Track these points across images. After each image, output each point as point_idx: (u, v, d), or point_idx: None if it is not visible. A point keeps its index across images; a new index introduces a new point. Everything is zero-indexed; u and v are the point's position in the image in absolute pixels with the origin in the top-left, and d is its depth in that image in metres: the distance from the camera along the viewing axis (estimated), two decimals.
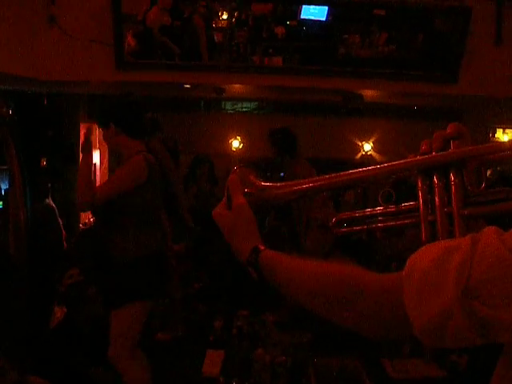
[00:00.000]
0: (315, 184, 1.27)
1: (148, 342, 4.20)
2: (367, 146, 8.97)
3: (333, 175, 1.24)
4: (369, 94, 6.52)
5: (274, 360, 4.24)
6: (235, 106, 8.92)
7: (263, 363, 4.20)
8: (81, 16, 5.40)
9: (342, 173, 1.24)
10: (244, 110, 8.98)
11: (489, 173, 1.13)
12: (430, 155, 1.12)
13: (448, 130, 1.12)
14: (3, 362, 3.17)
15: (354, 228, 1.28)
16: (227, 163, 8.69)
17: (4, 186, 6.58)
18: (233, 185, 1.35)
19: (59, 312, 4.55)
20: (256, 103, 8.87)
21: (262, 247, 1.25)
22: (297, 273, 1.14)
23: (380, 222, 1.24)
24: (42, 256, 5.85)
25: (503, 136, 8.50)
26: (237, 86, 6.39)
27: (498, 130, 8.54)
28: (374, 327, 1.00)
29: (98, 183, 9.08)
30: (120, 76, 5.51)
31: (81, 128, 3.58)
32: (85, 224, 7.60)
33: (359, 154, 9.08)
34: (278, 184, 1.33)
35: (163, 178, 3.88)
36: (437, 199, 1.10)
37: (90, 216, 7.31)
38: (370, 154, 8.93)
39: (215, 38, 5.91)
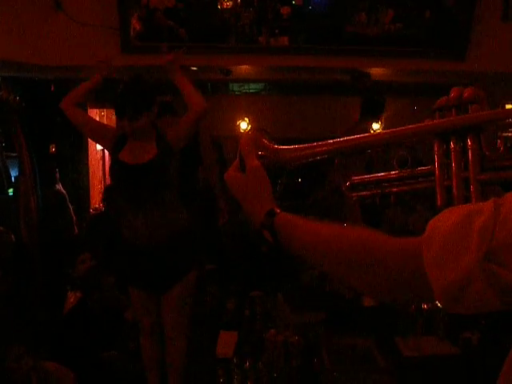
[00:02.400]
0: (329, 147, 1.25)
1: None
2: (375, 125, 8.91)
3: (348, 138, 1.22)
4: (377, 72, 6.47)
5: (286, 340, 4.25)
6: (242, 88, 8.87)
7: (276, 343, 4.21)
8: (86, 1, 5.38)
9: (357, 136, 1.21)
10: (251, 91, 8.94)
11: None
12: (447, 119, 1.10)
13: (465, 94, 1.10)
14: (18, 348, 3.20)
15: (368, 192, 1.26)
16: (236, 145, 8.69)
17: (14, 174, 6.61)
18: (246, 147, 1.31)
19: (72, 297, 4.59)
20: (263, 84, 8.82)
21: (278, 210, 1.22)
22: (314, 236, 1.12)
23: (394, 186, 1.22)
24: (54, 242, 5.88)
25: None
26: (244, 67, 6.35)
27: (507, 106, 8.48)
28: (394, 291, 0.99)
29: (107, 169, 9.11)
30: (126, 60, 5.49)
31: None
32: (95, 209, 7.63)
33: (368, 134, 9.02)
34: (292, 147, 1.30)
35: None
36: (453, 164, 1.08)
37: (100, 201, 7.34)
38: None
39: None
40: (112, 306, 4.27)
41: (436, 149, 1.11)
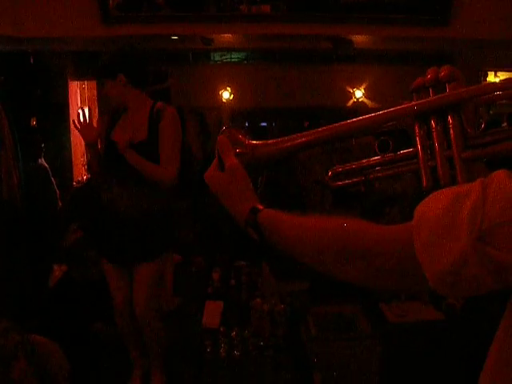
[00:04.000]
0: (307, 138, 1.23)
1: None
2: (358, 93, 8.91)
3: (325, 128, 1.20)
4: (359, 39, 6.44)
5: (272, 309, 4.27)
6: (224, 57, 8.81)
7: (262, 312, 4.24)
8: None
9: (334, 124, 1.20)
10: (233, 60, 8.88)
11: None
12: (425, 99, 1.09)
13: (441, 73, 1.09)
14: (4, 322, 3.19)
15: (352, 180, 1.24)
16: (218, 115, 8.65)
17: None
18: (223, 145, 1.29)
19: (58, 271, 4.58)
20: (245, 53, 8.76)
21: (261, 206, 1.21)
22: (300, 231, 1.11)
23: (378, 171, 1.21)
24: (37, 215, 5.85)
25: (495, 79, 8.45)
26: (225, 35, 6.30)
27: (489, 73, 8.49)
28: (386, 280, 0.98)
29: None
30: (106, 31, 5.42)
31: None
32: (78, 182, 7.59)
33: (351, 101, 9.03)
34: (270, 141, 1.28)
35: None
36: (436, 144, 1.08)
37: (84, 173, 7.30)
38: (362, 101, 8.87)
39: None
40: (97, 278, 4.26)
41: (417, 130, 1.10)
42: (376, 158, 1.20)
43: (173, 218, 3.81)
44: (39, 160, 6.60)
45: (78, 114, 3.65)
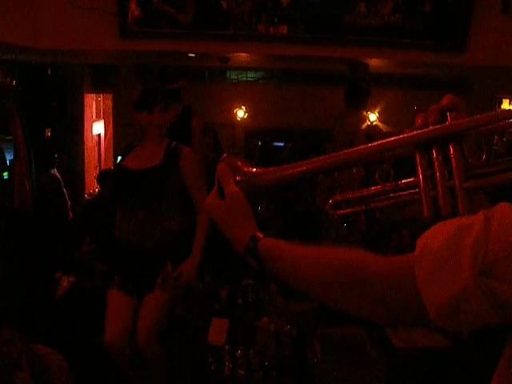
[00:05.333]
0: (307, 167, 1.22)
1: None
2: (373, 116, 8.90)
3: (326, 156, 1.19)
4: (375, 63, 6.46)
5: (278, 329, 4.26)
6: (240, 76, 8.86)
7: (268, 332, 4.22)
8: None
9: (335, 153, 1.19)
10: (249, 79, 8.92)
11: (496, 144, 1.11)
12: (426, 129, 1.08)
13: (443, 102, 1.08)
14: (9, 331, 3.19)
15: (352, 209, 1.23)
16: (232, 133, 8.69)
17: (9, 157, 6.58)
18: (223, 173, 1.29)
19: (66, 281, 4.58)
20: (261, 73, 8.81)
21: (261, 235, 1.20)
22: (301, 260, 1.10)
23: (379, 200, 1.20)
24: (48, 226, 5.87)
25: (510, 106, 8.42)
26: (241, 54, 6.33)
27: (504, 100, 8.47)
28: (388, 314, 0.96)
29: (102, 154, 9.10)
30: (123, 45, 5.46)
31: None
32: (90, 194, 7.62)
33: (365, 125, 9.02)
34: (270, 169, 1.27)
35: None
36: (437, 174, 1.06)
37: (96, 186, 7.33)
38: (376, 125, 8.87)
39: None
40: (105, 290, 4.26)
41: (418, 160, 1.09)
42: (377, 187, 1.19)
43: (185, 246, 3.77)
44: (52, 170, 6.64)
45: None
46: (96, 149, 8.90)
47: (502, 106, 8.36)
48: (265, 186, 1.28)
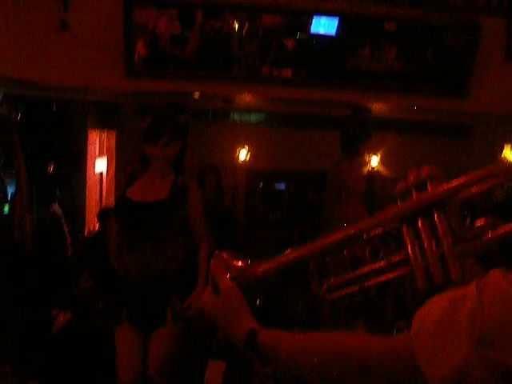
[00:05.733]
0: (299, 254, 1.23)
1: None
2: (374, 161, 8.91)
3: (311, 244, 1.21)
4: (377, 107, 6.51)
5: (276, 373, 4.20)
6: (243, 118, 8.91)
7: (265, 375, 4.17)
8: (92, 23, 5.43)
9: (320, 239, 1.20)
10: (252, 121, 8.97)
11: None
12: (409, 201, 1.09)
13: (422, 174, 1.09)
14: (6, 367, 3.16)
15: (347, 290, 1.22)
16: (234, 174, 8.70)
17: (11, 191, 6.59)
18: (216, 269, 1.28)
19: (62, 317, 4.54)
20: (264, 115, 8.86)
21: (258, 327, 1.19)
22: (302, 349, 1.10)
23: (373, 278, 1.19)
24: (46, 261, 5.84)
25: (511, 153, 8.43)
26: (245, 96, 6.39)
27: (505, 146, 8.49)
28: None
29: (104, 192, 9.10)
30: (129, 84, 5.52)
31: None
32: (90, 232, 7.60)
33: (365, 169, 9.03)
34: (262, 262, 1.27)
35: None
36: (425, 244, 1.07)
37: (96, 223, 7.31)
38: (377, 170, 8.88)
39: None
40: (102, 328, 4.22)
41: (405, 233, 1.10)
42: (368, 266, 1.19)
43: (189, 277, 3.75)
44: (53, 206, 6.63)
45: None
46: (98, 187, 8.89)
47: (504, 153, 8.38)
48: (259, 278, 1.27)
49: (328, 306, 5.34)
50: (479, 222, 1.05)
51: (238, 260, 1.30)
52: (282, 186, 9.72)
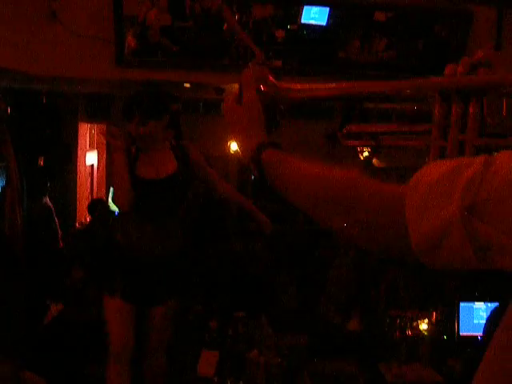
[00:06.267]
0: (332, 92, 1.24)
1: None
2: (366, 152, 8.91)
3: (351, 84, 1.21)
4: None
5: (268, 361, 4.21)
6: None
7: (258, 364, 4.17)
8: (82, 12, 5.37)
9: (359, 82, 1.20)
10: None
11: None
12: (453, 77, 1.07)
13: (478, 55, 1.08)
14: None
15: (363, 142, 1.25)
16: (225, 166, 8.68)
17: (1, 184, 6.56)
18: (246, 79, 1.30)
19: (54, 309, 4.53)
20: None
21: (268, 144, 1.21)
22: (300, 173, 1.11)
23: (390, 139, 1.21)
24: (38, 254, 5.82)
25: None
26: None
27: None
28: (373, 237, 0.97)
29: (95, 185, 9.08)
30: (119, 74, 5.48)
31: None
32: (81, 223, 7.58)
33: (357, 160, 9.03)
34: (294, 86, 1.28)
35: None
36: (452, 125, 1.06)
37: (87, 215, 7.30)
38: (369, 160, 8.88)
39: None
40: (93, 318, 4.21)
41: (437, 107, 1.09)
42: (392, 125, 1.20)
43: (192, 258, 3.82)
44: (44, 199, 6.61)
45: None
46: (89, 179, 8.88)
47: None
48: (287, 102, 1.30)
49: None
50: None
51: (272, 76, 1.30)
52: None
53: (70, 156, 7.67)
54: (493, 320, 3.22)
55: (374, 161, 8.76)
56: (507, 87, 1.04)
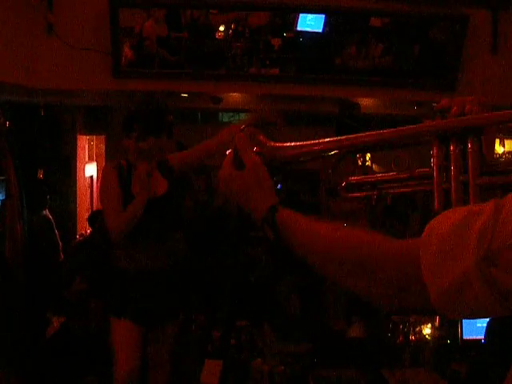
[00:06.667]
0: (328, 145, 1.23)
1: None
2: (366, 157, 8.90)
3: (347, 137, 1.21)
4: (366, 103, 6.50)
5: (272, 370, 4.19)
6: (232, 118, 8.90)
7: (262, 373, 4.16)
8: (78, 25, 5.40)
9: (357, 134, 1.20)
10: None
11: None
12: (448, 120, 1.08)
13: (469, 98, 1.10)
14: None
15: (364, 193, 1.24)
16: None
17: (1, 197, 6.55)
18: (242, 143, 1.28)
19: (56, 322, 4.52)
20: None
21: (280, 206, 1.20)
22: (315, 235, 1.10)
23: (392, 187, 1.20)
24: (39, 267, 5.81)
25: (500, 147, 8.44)
26: (234, 95, 6.38)
27: (496, 139, 8.50)
28: (391, 296, 0.96)
29: (95, 197, 9.07)
30: (117, 85, 5.49)
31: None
32: (81, 235, 7.57)
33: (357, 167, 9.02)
34: (290, 144, 1.27)
35: None
36: (452, 166, 1.06)
37: (87, 227, 7.29)
38: (367, 165, 8.87)
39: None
40: (95, 331, 4.20)
41: (435, 151, 1.09)
42: (391, 173, 1.19)
43: (191, 272, 3.79)
44: (44, 211, 6.60)
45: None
46: (88, 191, 8.87)
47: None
48: (283, 161, 1.28)
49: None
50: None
51: (265, 138, 1.29)
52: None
53: (69, 168, 7.67)
54: (494, 322, 3.20)
55: (374, 166, 8.76)
56: (501, 124, 1.08)
